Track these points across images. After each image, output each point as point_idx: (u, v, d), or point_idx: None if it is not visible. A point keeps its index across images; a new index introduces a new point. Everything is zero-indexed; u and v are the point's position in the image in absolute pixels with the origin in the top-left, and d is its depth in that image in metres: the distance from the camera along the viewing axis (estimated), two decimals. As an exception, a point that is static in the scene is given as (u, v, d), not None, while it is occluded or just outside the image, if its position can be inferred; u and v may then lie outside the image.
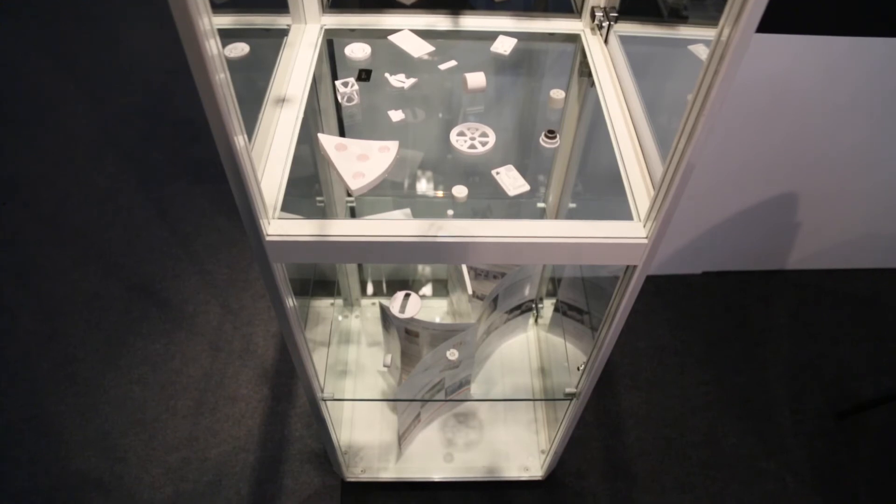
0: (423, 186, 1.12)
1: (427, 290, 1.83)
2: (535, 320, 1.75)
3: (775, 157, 1.75)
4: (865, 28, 1.47)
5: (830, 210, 1.92)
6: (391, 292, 1.79)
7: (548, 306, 1.73)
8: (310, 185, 1.39)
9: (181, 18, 0.58)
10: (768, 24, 1.44)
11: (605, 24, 1.14)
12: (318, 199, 1.41)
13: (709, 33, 0.69)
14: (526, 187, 0.93)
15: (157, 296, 1.96)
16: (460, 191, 0.95)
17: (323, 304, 1.64)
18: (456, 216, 1.00)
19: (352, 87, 1.05)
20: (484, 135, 0.99)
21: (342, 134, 1.13)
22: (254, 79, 1.14)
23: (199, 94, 0.62)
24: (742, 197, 1.86)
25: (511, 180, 0.93)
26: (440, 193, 1.12)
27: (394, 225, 0.83)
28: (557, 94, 1.06)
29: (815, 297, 2.05)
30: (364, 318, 1.79)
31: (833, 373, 1.85)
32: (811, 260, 2.09)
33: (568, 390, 1.23)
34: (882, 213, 1.93)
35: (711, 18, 0.68)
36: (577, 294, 1.44)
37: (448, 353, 1.29)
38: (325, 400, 1.24)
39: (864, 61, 1.52)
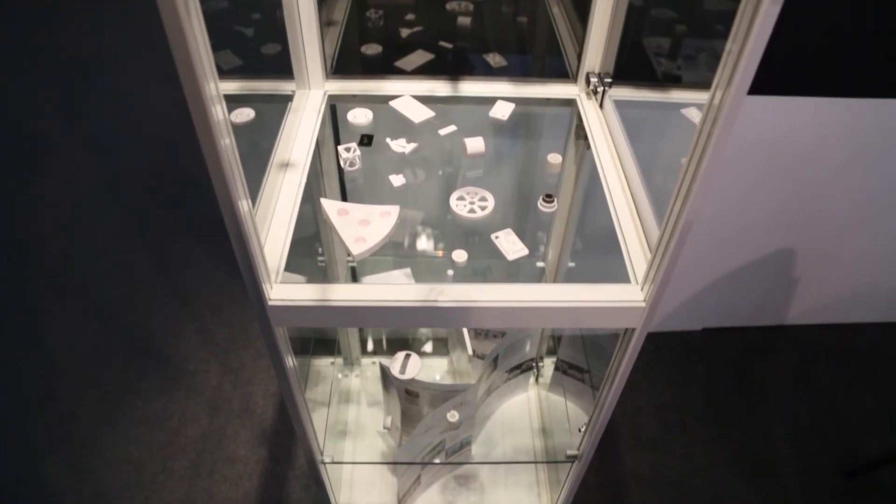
0: (424, 248, 1.13)
1: (427, 347, 1.83)
2: (536, 379, 1.74)
3: (772, 215, 1.77)
4: (856, 89, 1.51)
5: (829, 265, 1.93)
6: (391, 351, 1.79)
7: (548, 365, 1.73)
8: (311, 245, 1.40)
9: (189, 84, 0.60)
10: (760, 86, 1.48)
11: (600, 89, 1.18)
12: (320, 258, 1.43)
13: (701, 97, 0.72)
14: (524, 252, 0.95)
15: (157, 354, 1.96)
16: (460, 255, 0.96)
17: (323, 363, 1.64)
18: (456, 277, 1.01)
19: (354, 152, 1.08)
20: (483, 199, 1.01)
21: (344, 198, 1.15)
22: (258, 143, 1.16)
23: (204, 155, 0.64)
24: (740, 253, 1.88)
25: (510, 244, 0.95)
26: (440, 253, 1.13)
27: (395, 290, 0.84)
28: (555, 158, 1.09)
29: (816, 353, 2.04)
30: (364, 377, 1.78)
31: (838, 429, 1.83)
32: (812, 315, 2.10)
33: (570, 452, 1.22)
34: (881, 267, 1.95)
35: (704, 81, 0.71)
36: (578, 353, 1.44)
37: (448, 415, 1.28)
38: (324, 463, 1.23)
39: (855, 122, 1.56)
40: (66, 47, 3.41)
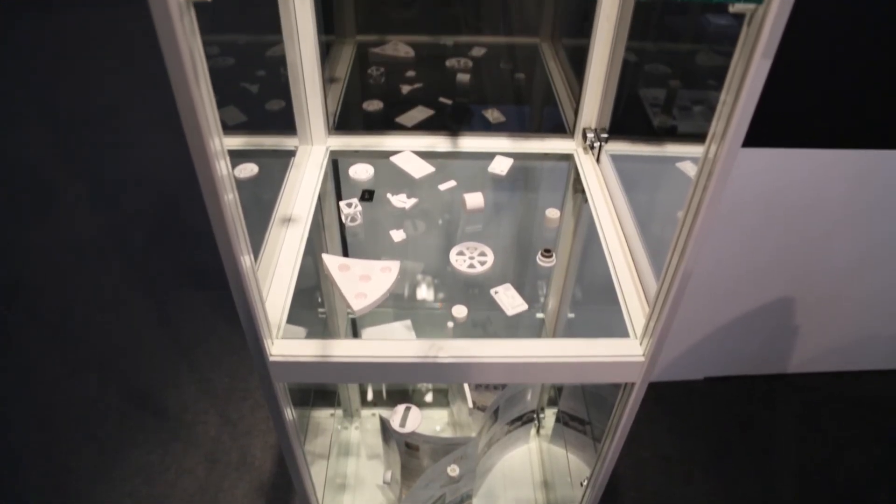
0: (424, 300, 1.14)
1: (428, 397, 1.82)
2: (537, 431, 1.73)
3: (770, 264, 1.78)
4: (849, 141, 1.54)
5: (830, 312, 1.93)
6: (392, 402, 1.78)
7: (549, 416, 1.71)
8: (312, 296, 1.41)
9: (194, 139, 0.62)
10: (755, 139, 1.51)
11: (597, 144, 1.20)
12: (321, 310, 1.43)
13: (696, 150, 0.73)
14: (524, 307, 0.95)
15: (155, 404, 1.94)
16: (460, 311, 0.97)
17: (323, 415, 1.62)
18: (456, 330, 1.01)
19: (355, 207, 1.09)
20: (482, 254, 1.02)
21: (345, 252, 1.16)
22: (261, 197, 1.18)
23: (207, 210, 0.65)
24: (740, 302, 1.88)
25: (509, 300, 0.96)
26: (440, 305, 1.14)
27: (395, 346, 0.84)
28: (552, 213, 1.10)
29: (820, 401, 2.03)
30: (364, 429, 1.77)
31: (845, 479, 1.80)
32: (815, 363, 2.09)
33: (572, 507, 1.20)
34: (883, 314, 1.95)
35: (699, 135, 0.72)
36: (579, 404, 1.43)
37: (449, 469, 1.27)
38: (323, 519, 1.21)
39: (850, 172, 1.58)
40: (70, 98, 3.48)
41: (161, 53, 0.58)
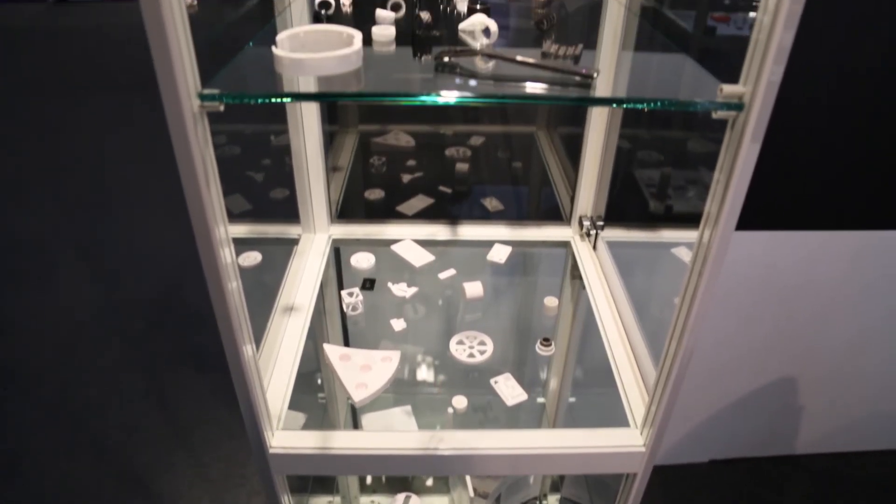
0: (424, 388, 1.14)
1: (428, 482, 1.78)
2: (540, 517, 1.69)
3: (770, 343, 1.78)
4: (841, 222, 1.57)
5: (834, 391, 1.92)
6: (391, 488, 1.74)
7: (552, 503, 1.68)
8: (312, 380, 1.41)
9: (199, 226, 0.64)
10: (747, 222, 1.54)
11: (593, 231, 1.23)
12: (320, 394, 1.43)
13: (691, 235, 0.75)
14: (524, 397, 0.96)
15: (149, 490, 1.90)
16: (460, 401, 0.97)
17: (321, 502, 1.59)
18: (456, 418, 1.01)
19: (356, 296, 1.11)
20: (482, 343, 1.03)
21: (346, 341, 1.17)
22: (264, 285, 1.20)
23: (208, 289, 0.66)
24: (742, 382, 1.87)
25: (509, 389, 0.96)
26: (439, 390, 1.14)
27: (395, 438, 0.84)
28: (551, 301, 1.12)
29: (829, 483, 1.98)
30: (363, 516, 1.72)
31: (858, 570, 1.75)
32: (822, 443, 2.05)
33: None
34: (887, 393, 1.93)
35: (693, 220, 0.74)
36: (581, 491, 1.41)
37: (450, 561, 1.24)
38: None
39: (842, 252, 1.61)
40: (80, 177, 3.56)
41: (169, 137, 0.61)
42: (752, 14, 0.67)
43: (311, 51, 0.74)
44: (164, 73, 0.62)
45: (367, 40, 0.77)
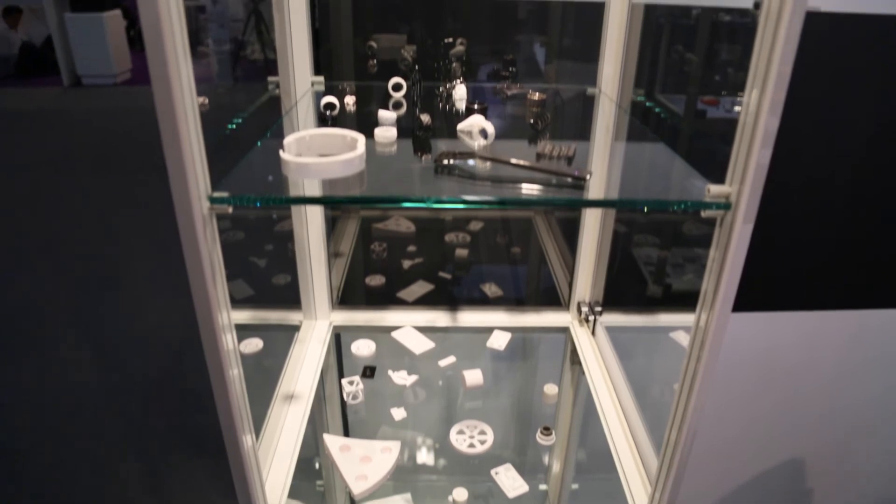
0: (424, 476, 1.13)
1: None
2: None
3: (772, 426, 1.76)
4: (837, 303, 1.58)
5: (843, 472, 1.88)
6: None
7: None
8: (311, 466, 1.39)
9: (203, 313, 0.65)
10: (743, 304, 1.55)
11: (591, 317, 1.25)
12: (318, 482, 1.40)
13: (689, 319, 0.76)
14: (525, 488, 0.95)
15: (141, 583, 1.84)
16: (461, 494, 0.96)
17: None
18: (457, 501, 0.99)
19: (357, 385, 1.11)
20: (482, 432, 1.03)
21: (346, 429, 1.16)
22: (265, 371, 1.21)
23: (210, 376, 0.67)
24: (745, 467, 1.84)
25: (510, 481, 0.95)
26: (440, 479, 1.12)
27: (395, 533, 0.83)
28: (551, 389, 1.12)
29: (843, 575, 1.91)
30: None
31: None
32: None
33: None
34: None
35: (690, 304, 0.75)
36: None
37: None
38: None
39: (840, 332, 1.61)
40: (85, 255, 3.60)
41: (174, 219, 0.63)
42: (739, 97, 0.71)
43: (317, 152, 0.77)
44: (177, 177, 0.66)
45: (370, 128, 0.81)
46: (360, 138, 0.73)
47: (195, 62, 0.63)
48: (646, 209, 0.72)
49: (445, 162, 0.74)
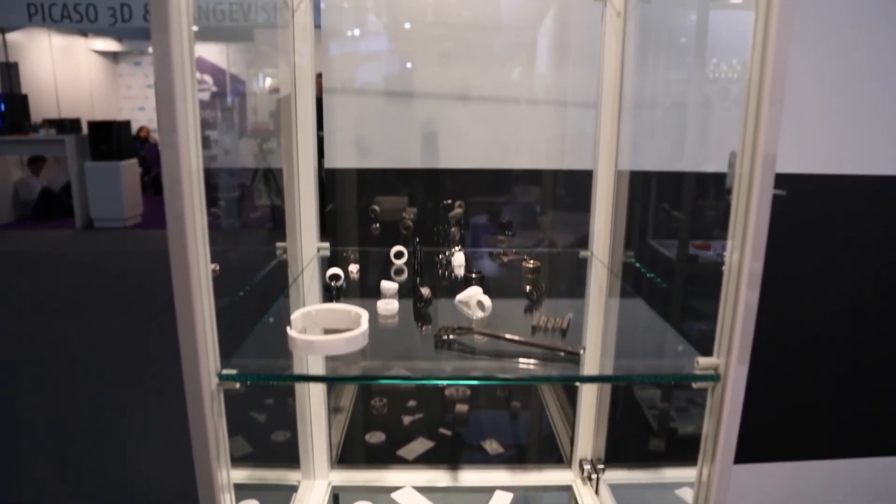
0: None
1: None
2: None
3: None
4: (834, 451, 1.56)
5: None
6: None
7: None
8: None
9: (202, 473, 0.65)
10: (747, 455, 1.53)
11: (594, 475, 1.23)
12: None
13: (693, 474, 0.75)
14: None
15: None
16: None
17: None
18: None
19: (355, 553, 1.08)
20: None
21: None
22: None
23: None
24: None
25: None
26: None
27: None
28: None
29: None
30: None
31: None
32: None
33: None
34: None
35: (694, 456, 0.75)
36: None
37: None
38: None
39: (844, 480, 1.58)
40: (78, 404, 3.55)
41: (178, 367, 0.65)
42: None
43: (322, 326, 0.81)
44: (188, 354, 0.69)
45: (374, 296, 0.85)
46: (364, 315, 0.77)
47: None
48: (637, 380, 0.75)
49: (445, 337, 0.77)
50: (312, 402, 1.22)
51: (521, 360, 0.75)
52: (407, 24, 1.28)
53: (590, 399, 1.25)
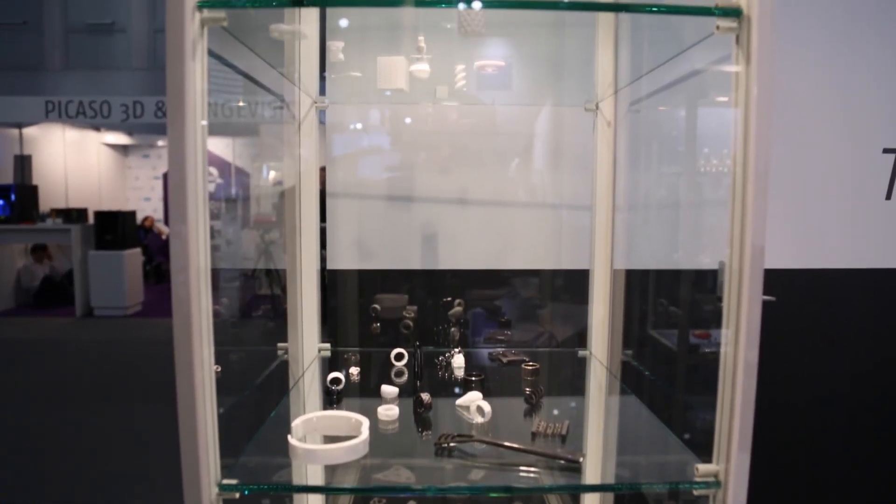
0: None
1: None
2: None
3: None
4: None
5: None
6: None
7: None
8: None
9: None
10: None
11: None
12: None
13: None
14: None
15: None
16: None
17: None
18: None
19: None
20: None
21: None
22: None
23: None
24: None
25: None
26: None
27: None
28: None
29: None
30: None
31: None
32: None
33: None
34: None
35: None
36: None
37: None
38: None
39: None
40: (69, 493, 3.45)
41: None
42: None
43: (323, 432, 0.82)
44: (189, 464, 0.69)
45: (374, 398, 0.85)
46: (364, 422, 0.78)
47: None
48: (639, 489, 0.75)
49: (445, 444, 0.77)
50: (311, 505, 1.20)
51: (521, 468, 0.75)
52: (407, 133, 1.34)
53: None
